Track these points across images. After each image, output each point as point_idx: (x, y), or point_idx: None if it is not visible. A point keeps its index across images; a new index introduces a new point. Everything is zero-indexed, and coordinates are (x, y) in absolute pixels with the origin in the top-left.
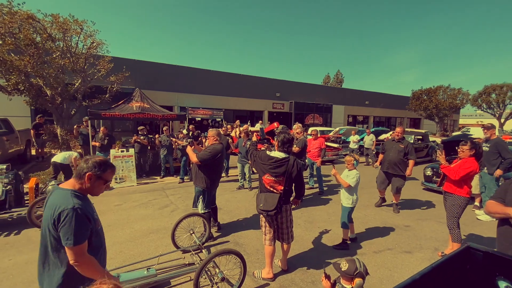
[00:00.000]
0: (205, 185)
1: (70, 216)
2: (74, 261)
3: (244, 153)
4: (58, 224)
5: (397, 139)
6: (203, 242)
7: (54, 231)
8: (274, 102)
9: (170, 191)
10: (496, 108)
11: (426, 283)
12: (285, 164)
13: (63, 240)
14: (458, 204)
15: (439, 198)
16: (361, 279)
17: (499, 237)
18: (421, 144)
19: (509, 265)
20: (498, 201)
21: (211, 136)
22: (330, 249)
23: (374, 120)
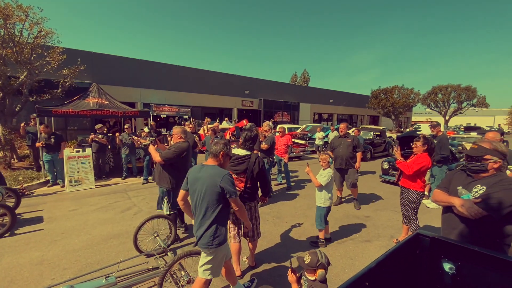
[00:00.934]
0: (170, 185)
1: (229, 179)
2: (237, 207)
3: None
4: (224, 185)
5: (342, 135)
6: (169, 245)
7: (219, 191)
8: (243, 99)
9: (133, 192)
10: (442, 106)
11: (382, 270)
12: (246, 162)
13: (229, 194)
14: (414, 199)
15: (395, 189)
16: (323, 270)
17: (443, 223)
18: (379, 139)
19: (452, 248)
20: (443, 190)
21: (175, 134)
22: (297, 243)
23: (337, 117)
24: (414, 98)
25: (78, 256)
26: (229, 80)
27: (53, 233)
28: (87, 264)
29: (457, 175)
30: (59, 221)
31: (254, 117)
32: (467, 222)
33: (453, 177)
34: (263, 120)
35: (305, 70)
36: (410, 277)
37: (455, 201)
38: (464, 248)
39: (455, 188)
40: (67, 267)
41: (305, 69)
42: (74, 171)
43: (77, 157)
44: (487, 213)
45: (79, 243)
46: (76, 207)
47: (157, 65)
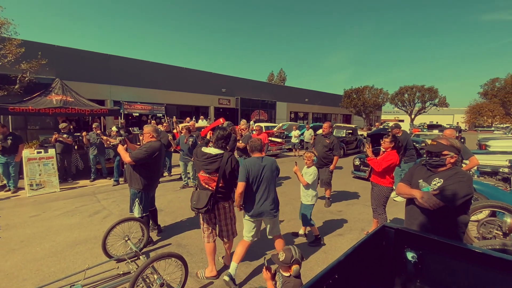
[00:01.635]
0: (142, 186)
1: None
2: None
3: (186, 150)
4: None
5: (324, 134)
6: (141, 248)
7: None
8: (220, 97)
9: (103, 195)
10: (408, 106)
11: (350, 261)
12: (218, 161)
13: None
14: (383, 194)
15: (366, 184)
16: (298, 265)
17: (406, 215)
18: (352, 137)
19: (414, 238)
20: (406, 184)
21: (147, 133)
22: (272, 240)
23: (313, 116)
24: (383, 98)
25: (40, 265)
26: (206, 78)
27: (11, 241)
28: (50, 273)
29: (418, 169)
30: (18, 229)
31: (231, 115)
32: (427, 213)
33: (415, 171)
34: (240, 119)
35: (281, 70)
36: (377, 267)
37: (416, 194)
38: (424, 238)
39: (416, 182)
40: (27, 277)
41: (282, 69)
42: (35, 173)
43: (39, 158)
44: (444, 203)
45: (41, 251)
46: (38, 212)
47: (128, 61)
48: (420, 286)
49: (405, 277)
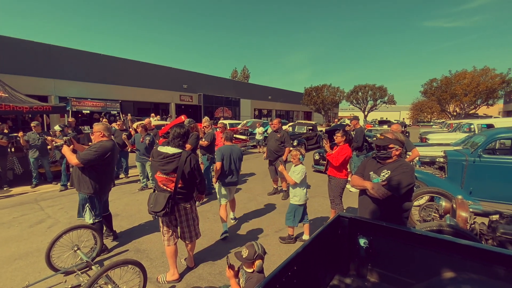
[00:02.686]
0: (92, 190)
1: None
2: None
3: (143, 150)
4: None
5: (274, 129)
6: (94, 258)
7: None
8: (181, 94)
9: (47, 202)
10: (362, 103)
11: (308, 252)
12: (176, 160)
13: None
14: (340, 185)
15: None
16: (261, 260)
17: (359, 204)
18: (312, 133)
19: (365, 226)
20: (359, 176)
21: (96, 132)
22: (237, 237)
23: (276, 113)
24: (340, 96)
25: None
26: (166, 73)
27: None
28: None
29: (369, 162)
30: None
31: (194, 112)
32: (377, 202)
33: (366, 164)
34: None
35: (245, 66)
36: (334, 254)
37: (367, 185)
38: (374, 224)
39: (368, 173)
40: None
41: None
42: None
43: None
44: (391, 193)
45: None
46: None
47: (75, 53)
48: (371, 268)
49: (359, 262)
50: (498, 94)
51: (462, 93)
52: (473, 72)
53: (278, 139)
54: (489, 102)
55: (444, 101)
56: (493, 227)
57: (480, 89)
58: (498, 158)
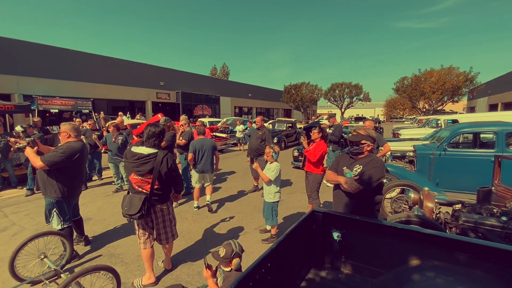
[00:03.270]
0: (60, 194)
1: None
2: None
3: (115, 150)
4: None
5: (256, 127)
6: (63, 265)
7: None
8: (158, 91)
9: (11, 208)
10: (339, 100)
11: (283, 248)
12: (152, 161)
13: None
14: (316, 181)
15: (304, 173)
16: (238, 258)
17: (334, 199)
18: (291, 130)
19: (338, 220)
20: (333, 171)
21: (63, 132)
22: (217, 237)
23: (256, 110)
24: (318, 94)
25: None
26: (141, 70)
27: None
28: None
29: (343, 158)
30: None
31: (172, 110)
32: (350, 196)
33: (340, 159)
34: (183, 114)
35: (224, 64)
36: (308, 249)
37: (341, 179)
38: (346, 218)
39: (341, 169)
40: None
41: (225, 63)
42: None
43: None
44: (363, 187)
45: None
46: None
47: (41, 48)
48: (345, 261)
49: (333, 255)
50: (462, 92)
51: (430, 91)
52: (440, 70)
53: (259, 137)
54: (454, 99)
55: (415, 98)
56: (456, 215)
57: (446, 87)
58: (461, 151)
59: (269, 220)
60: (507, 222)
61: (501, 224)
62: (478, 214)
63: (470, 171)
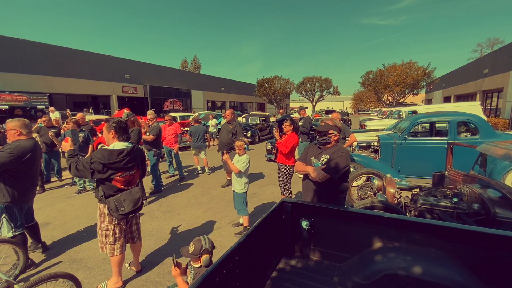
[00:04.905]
0: (9, 198)
1: None
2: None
3: (76, 148)
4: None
5: (227, 121)
6: (17, 275)
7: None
8: (124, 85)
9: None
10: (310, 94)
11: (252, 240)
12: (137, 153)
13: None
14: (288, 172)
15: (277, 166)
16: (208, 255)
17: (303, 188)
18: (265, 124)
19: (306, 209)
20: (302, 162)
21: (11, 130)
22: (189, 233)
23: (230, 104)
24: (290, 87)
25: None
26: (104, 62)
27: None
28: None
29: (311, 148)
30: None
31: (140, 105)
32: (318, 185)
33: (308, 150)
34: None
35: (195, 57)
36: (279, 239)
37: (309, 169)
38: (314, 207)
39: (310, 159)
40: None
41: (196, 56)
42: None
43: None
44: (330, 175)
45: None
46: None
47: None
48: (314, 248)
49: (302, 243)
50: (421, 85)
51: (394, 84)
52: (402, 65)
53: (230, 131)
54: (414, 91)
55: (379, 91)
56: (415, 199)
57: (408, 81)
58: (419, 140)
59: (241, 210)
60: (458, 203)
61: (453, 205)
62: (433, 197)
63: (427, 157)
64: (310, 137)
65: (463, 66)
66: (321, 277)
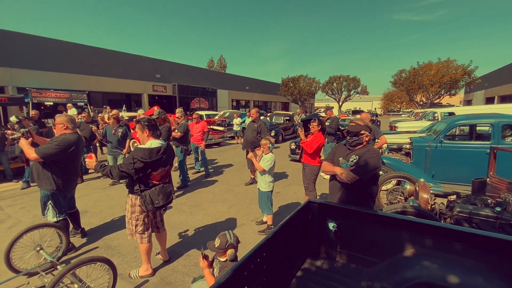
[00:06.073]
0: (55, 186)
1: None
2: None
3: (115, 142)
4: None
5: (252, 119)
6: (60, 257)
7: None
8: (154, 84)
9: (7, 201)
10: (337, 94)
11: (278, 238)
12: (170, 149)
13: None
14: (313, 172)
15: (301, 166)
16: (233, 249)
17: (330, 189)
18: (289, 123)
19: (334, 210)
20: (329, 162)
21: (59, 124)
22: (214, 228)
23: (254, 103)
24: (316, 87)
25: None
26: (137, 63)
27: None
28: None
29: (339, 148)
30: None
31: (169, 103)
32: (346, 186)
33: (336, 150)
34: (179, 107)
35: (221, 56)
36: (304, 239)
37: (337, 170)
38: (342, 208)
39: (337, 159)
40: None
41: (222, 55)
42: None
43: None
44: (359, 177)
45: None
46: None
47: (35, 40)
48: (340, 250)
49: (328, 244)
50: (460, 85)
51: (429, 84)
52: (438, 63)
53: (255, 129)
54: (452, 92)
55: (412, 91)
56: (451, 206)
57: (444, 80)
58: (457, 143)
59: (265, 209)
60: (501, 212)
61: (495, 215)
62: (472, 205)
63: (465, 162)
64: (337, 138)
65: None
66: (347, 280)
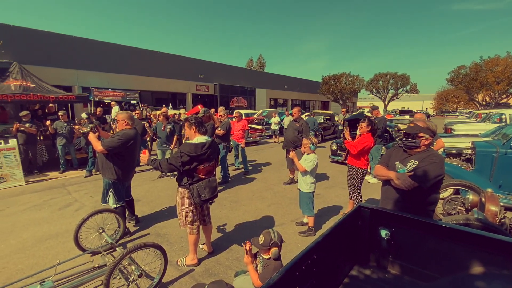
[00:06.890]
0: (116, 176)
1: None
2: None
3: (164, 138)
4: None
5: (293, 118)
6: (117, 240)
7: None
8: (197, 84)
9: (74, 187)
10: (382, 92)
11: (328, 242)
12: (215, 145)
13: None
14: (358, 175)
15: (342, 168)
16: (277, 248)
17: (382, 195)
18: (329, 123)
19: (387, 217)
20: (383, 166)
21: (121, 120)
22: (254, 224)
23: (292, 102)
24: (359, 85)
25: (6, 263)
26: (182, 63)
27: None
28: (18, 270)
29: (395, 152)
30: None
31: (210, 102)
32: (402, 193)
33: (392, 153)
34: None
35: (260, 55)
36: (353, 245)
37: (391, 175)
38: (397, 216)
39: (393, 163)
40: None
41: (261, 54)
42: None
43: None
44: (418, 184)
45: (6, 248)
46: (1, 207)
47: (97, 44)
48: (393, 260)
49: (379, 253)
50: None
51: (494, 81)
52: (507, 57)
53: (296, 129)
54: None
55: (473, 90)
56: None
57: None
58: None
59: (306, 210)
60: None
61: None
62: None
63: None
64: (384, 139)
65: None
66: None
